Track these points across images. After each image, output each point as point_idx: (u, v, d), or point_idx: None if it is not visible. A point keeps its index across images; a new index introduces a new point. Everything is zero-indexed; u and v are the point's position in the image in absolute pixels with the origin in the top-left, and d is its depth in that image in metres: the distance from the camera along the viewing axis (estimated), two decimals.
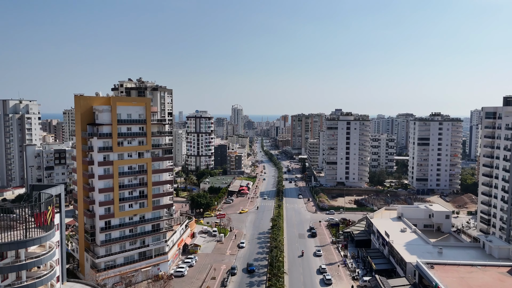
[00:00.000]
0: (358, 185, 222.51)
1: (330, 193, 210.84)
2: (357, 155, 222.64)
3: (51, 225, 54.16)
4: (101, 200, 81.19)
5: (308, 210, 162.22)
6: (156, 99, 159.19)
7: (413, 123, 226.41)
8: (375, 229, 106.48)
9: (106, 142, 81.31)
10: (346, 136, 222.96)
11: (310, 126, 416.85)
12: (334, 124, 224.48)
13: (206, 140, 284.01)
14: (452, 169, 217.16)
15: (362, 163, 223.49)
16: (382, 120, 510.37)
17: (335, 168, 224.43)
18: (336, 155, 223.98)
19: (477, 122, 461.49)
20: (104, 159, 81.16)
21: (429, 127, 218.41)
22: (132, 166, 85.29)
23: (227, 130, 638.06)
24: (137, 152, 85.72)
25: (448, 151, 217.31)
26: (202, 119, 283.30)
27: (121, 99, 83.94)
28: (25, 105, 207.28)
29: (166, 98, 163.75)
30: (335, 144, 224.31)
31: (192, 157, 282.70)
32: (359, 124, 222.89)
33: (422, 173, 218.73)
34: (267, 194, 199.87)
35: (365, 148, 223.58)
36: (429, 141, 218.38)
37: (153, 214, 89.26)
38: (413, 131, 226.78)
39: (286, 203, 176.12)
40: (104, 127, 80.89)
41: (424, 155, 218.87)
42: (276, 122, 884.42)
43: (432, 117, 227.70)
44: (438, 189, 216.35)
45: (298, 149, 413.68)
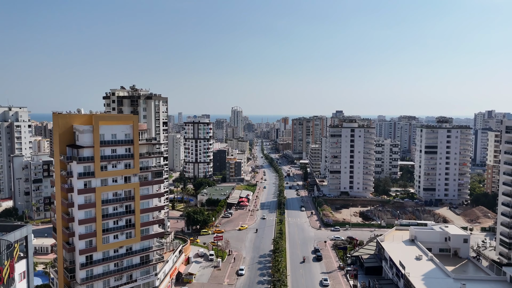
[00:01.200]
0: (363, 195, 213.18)
1: (334, 204, 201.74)
2: (362, 163, 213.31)
3: (9, 283, 44.81)
4: (81, 232, 71.73)
5: (312, 226, 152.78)
6: (150, 108, 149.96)
7: (420, 130, 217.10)
8: (387, 255, 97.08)
9: (87, 166, 71.84)
10: (350, 144, 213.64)
11: (312, 130, 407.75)
12: (338, 131, 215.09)
13: (205, 146, 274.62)
14: (461, 178, 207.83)
15: (367, 172, 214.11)
16: (384, 123, 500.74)
17: (338, 177, 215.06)
18: (340, 163, 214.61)
19: (482, 126, 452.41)
20: (85, 186, 71.71)
21: (436, 135, 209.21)
22: (117, 193, 75.82)
23: (226, 132, 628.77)
24: (123, 177, 76.24)
25: (456, 159, 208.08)
26: (201, 124, 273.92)
27: (104, 118, 74.36)
28: (14, 112, 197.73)
29: (161, 107, 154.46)
30: (338, 152, 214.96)
31: (190, 164, 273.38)
32: (364, 132, 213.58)
33: (430, 182, 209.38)
34: (268, 206, 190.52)
35: (370, 156, 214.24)
36: (437, 149, 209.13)
37: (142, 245, 79.73)
38: (419, 139, 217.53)
39: (288, 216, 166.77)
40: (85, 150, 71.45)
41: (432, 163, 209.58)
42: (276, 124, 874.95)
43: (439, 124, 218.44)
44: (447, 199, 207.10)
45: (299, 153, 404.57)
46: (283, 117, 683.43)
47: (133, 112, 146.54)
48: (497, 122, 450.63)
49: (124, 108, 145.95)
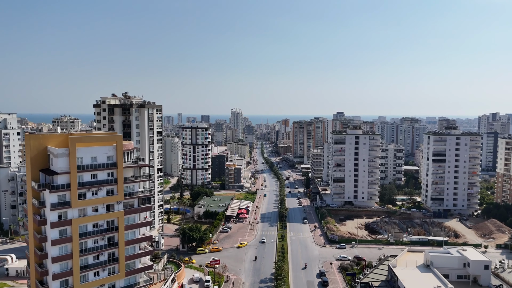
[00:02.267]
0: (368, 204, 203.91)
1: (338, 214, 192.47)
2: (367, 172, 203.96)
3: None
4: (55, 271, 62.49)
5: (316, 243, 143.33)
6: (143, 116, 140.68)
7: (427, 137, 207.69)
8: (402, 285, 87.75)
9: (63, 195, 62.62)
10: (355, 151, 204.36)
11: (313, 134, 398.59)
12: (341, 138, 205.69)
13: (203, 152, 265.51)
14: (470, 187, 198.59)
15: (372, 180, 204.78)
16: (387, 126, 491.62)
17: (342, 186, 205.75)
18: (344, 172, 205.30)
19: (487, 129, 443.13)
20: (59, 218, 62.49)
21: (445, 142, 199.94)
22: (98, 224, 66.58)
23: (226, 134, 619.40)
24: (104, 205, 67.00)
25: (466, 168, 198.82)
26: (198, 129, 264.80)
27: (82, 139, 65.03)
28: (2, 119, 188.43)
29: (155, 115, 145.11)
30: (342, 160, 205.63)
31: (188, 171, 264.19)
32: (369, 139, 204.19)
33: (438, 192, 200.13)
34: (268, 218, 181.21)
35: (375, 164, 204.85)
36: (445, 157, 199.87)
37: (127, 281, 70.51)
38: (427, 146, 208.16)
39: (290, 231, 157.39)
40: (60, 177, 62.22)
41: (440, 172, 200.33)
42: (276, 125, 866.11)
43: (447, 130, 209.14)
44: (455, 209, 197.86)
45: (300, 157, 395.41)
46: (284, 119, 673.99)
47: (125, 121, 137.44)
48: (502, 125, 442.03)
49: (115, 117, 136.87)
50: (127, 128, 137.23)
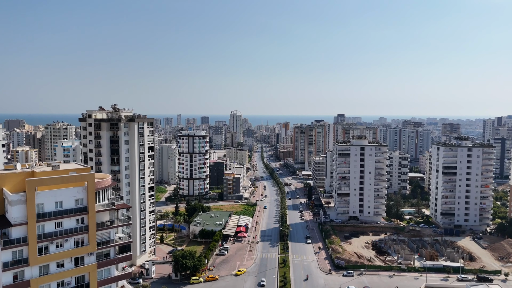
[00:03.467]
0: (374, 220, 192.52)
1: (342, 231, 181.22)
2: (373, 185, 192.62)
3: None
4: None
5: (321, 269, 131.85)
6: (132, 131, 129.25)
7: (437, 148, 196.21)
8: None
9: (18, 252, 51.38)
10: (360, 163, 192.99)
11: (314, 139, 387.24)
12: (346, 149, 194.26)
13: (200, 161, 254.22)
14: (482, 202, 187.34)
15: (379, 194, 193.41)
16: (389, 130, 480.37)
17: (347, 200, 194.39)
18: (349, 185, 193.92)
19: (493, 134, 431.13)
20: (14, 280, 51.23)
21: (456, 154, 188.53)
22: (64, 281, 55.29)
23: (225, 137, 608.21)
24: (72, 259, 55.73)
25: (478, 181, 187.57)
26: (196, 138, 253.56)
27: (43, 181, 53.58)
28: None
29: (146, 130, 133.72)
30: (347, 173, 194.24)
31: (185, 181, 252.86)
32: (375, 150, 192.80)
33: (448, 206, 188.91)
34: (269, 236, 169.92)
35: (382, 177, 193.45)
36: (456, 169, 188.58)
37: None
38: (436, 157, 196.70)
39: (292, 253, 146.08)
40: (15, 229, 50.97)
41: (450, 185, 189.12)
42: (276, 127, 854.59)
43: (458, 141, 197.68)
44: (467, 225, 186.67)
45: (301, 163, 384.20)
46: (284, 122, 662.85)
47: (113, 137, 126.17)
48: (508, 130, 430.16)
49: (102, 132, 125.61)
50: (115, 145, 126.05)
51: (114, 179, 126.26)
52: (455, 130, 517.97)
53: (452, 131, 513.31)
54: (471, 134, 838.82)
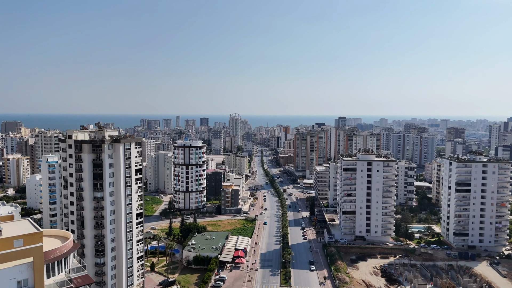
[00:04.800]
0: (382, 240, 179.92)
1: (348, 253, 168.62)
2: (381, 203, 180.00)
3: None
4: None
5: None
6: (118, 154, 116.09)
7: (449, 163, 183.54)
8: None
9: None
10: (367, 179, 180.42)
11: (316, 146, 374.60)
12: (352, 165, 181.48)
13: (197, 173, 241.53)
14: (498, 221, 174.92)
15: (387, 212, 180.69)
16: (393, 135, 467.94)
17: (353, 219, 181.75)
18: (355, 203, 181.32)
19: (499, 141, 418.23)
20: None
21: (470, 170, 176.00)
22: None
23: (224, 141, 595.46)
24: None
25: (493, 199, 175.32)
26: (192, 148, 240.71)
27: None
28: None
29: (133, 151, 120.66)
30: (352, 190, 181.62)
31: (181, 193, 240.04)
32: (383, 165, 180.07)
33: (462, 226, 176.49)
34: (269, 260, 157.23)
35: (390, 194, 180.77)
36: (470, 186, 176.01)
37: None
38: (448, 173, 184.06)
39: (295, 284, 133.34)
40: None
41: (464, 203, 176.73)
42: (276, 129, 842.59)
43: (472, 156, 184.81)
44: (481, 246, 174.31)
45: (303, 170, 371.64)
46: (284, 126, 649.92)
47: (96, 160, 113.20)
48: None
49: (84, 155, 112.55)
50: (98, 168, 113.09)
51: (98, 207, 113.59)
52: (459, 135, 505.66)
53: (457, 136, 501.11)
54: (474, 136, 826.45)
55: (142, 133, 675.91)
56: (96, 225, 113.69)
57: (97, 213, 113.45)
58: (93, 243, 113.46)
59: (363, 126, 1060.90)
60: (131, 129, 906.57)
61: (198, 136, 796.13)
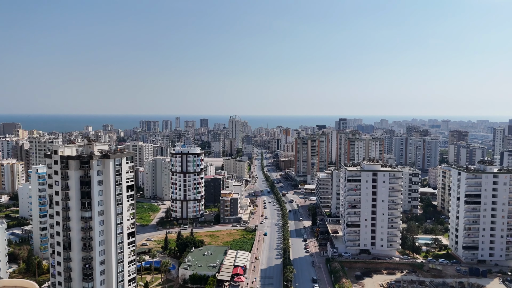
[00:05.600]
0: (388, 253, 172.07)
1: (353, 268, 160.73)
2: (386, 215, 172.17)
3: None
4: None
5: None
6: (107, 170, 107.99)
7: (458, 174, 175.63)
8: None
9: None
10: (372, 191, 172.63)
11: (317, 150, 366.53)
12: (356, 175, 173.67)
13: (195, 181, 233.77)
14: (510, 234, 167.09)
15: (393, 225, 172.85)
16: (395, 139, 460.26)
17: (357, 231, 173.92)
18: (359, 215, 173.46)
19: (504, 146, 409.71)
20: None
21: (480, 180, 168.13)
22: None
23: (224, 144, 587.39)
24: None
25: (504, 211, 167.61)
26: (190, 155, 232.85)
27: None
28: None
29: (124, 167, 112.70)
30: (357, 201, 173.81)
31: (178, 202, 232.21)
32: (389, 176, 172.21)
33: (471, 239, 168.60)
34: (270, 277, 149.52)
35: (396, 206, 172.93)
36: (480, 198, 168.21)
37: None
38: (457, 183, 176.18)
39: None
40: None
41: (474, 216, 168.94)
42: (277, 131, 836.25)
43: (483, 166, 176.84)
44: (492, 260, 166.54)
45: (304, 175, 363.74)
46: (284, 129, 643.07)
47: (84, 177, 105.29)
48: None
49: (70, 172, 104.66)
50: (87, 186, 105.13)
51: (85, 228, 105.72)
52: (462, 138, 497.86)
53: (460, 139, 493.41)
54: (476, 138, 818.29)
55: (141, 135, 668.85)
56: (84, 247, 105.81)
57: (85, 234, 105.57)
58: (80, 267, 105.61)
59: (364, 127, 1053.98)
60: (130, 130, 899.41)
61: (198, 138, 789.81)
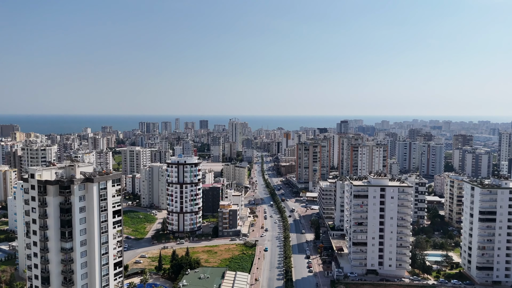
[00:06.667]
0: (396, 274, 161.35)
1: None
2: (395, 233, 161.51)
3: None
4: None
5: None
6: (91, 195, 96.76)
7: (471, 188, 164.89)
8: None
9: None
10: (380, 207, 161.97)
11: (319, 156, 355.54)
12: (363, 190, 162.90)
13: (192, 192, 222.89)
14: None
15: (402, 244, 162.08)
16: (398, 143, 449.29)
17: (364, 250, 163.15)
18: (366, 233, 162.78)
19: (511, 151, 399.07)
20: None
21: (495, 197, 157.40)
22: None
23: (223, 147, 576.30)
24: None
25: None
26: (187, 165, 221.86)
27: None
28: None
29: (110, 190, 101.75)
30: (364, 218, 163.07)
31: (174, 215, 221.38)
32: (398, 192, 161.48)
33: (486, 258, 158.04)
34: None
35: (406, 224, 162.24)
36: (496, 215, 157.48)
37: None
38: (470, 199, 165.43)
39: None
40: None
41: (489, 234, 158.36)
42: (277, 133, 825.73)
43: (498, 181, 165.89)
44: (507, 281, 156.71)
45: (305, 182, 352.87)
46: (285, 132, 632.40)
47: (64, 203, 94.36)
48: None
49: (49, 198, 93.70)
50: (67, 214, 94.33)
51: (66, 260, 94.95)
52: (467, 142, 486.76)
53: (465, 143, 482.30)
54: (478, 139, 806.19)
55: (139, 138, 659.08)
56: (65, 281, 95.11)
57: (66, 267, 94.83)
58: None
59: (365, 129, 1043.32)
60: (129, 132, 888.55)
61: (197, 140, 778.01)
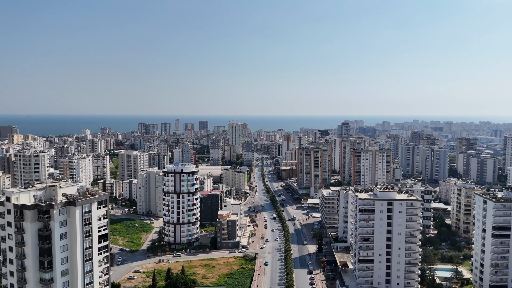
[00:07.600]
0: None
1: None
2: (403, 250, 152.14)
3: None
4: None
5: None
6: (73, 219, 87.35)
7: (483, 202, 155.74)
8: None
9: None
10: (387, 222, 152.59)
11: (320, 161, 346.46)
12: (369, 204, 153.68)
13: (189, 202, 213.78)
14: None
15: (410, 260, 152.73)
16: (401, 147, 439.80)
17: (370, 267, 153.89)
18: (373, 249, 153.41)
19: None
20: None
21: (510, 211, 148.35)
22: None
23: (223, 150, 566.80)
24: None
25: None
26: (184, 174, 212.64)
27: None
28: None
29: (95, 213, 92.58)
30: (370, 234, 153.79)
31: (171, 226, 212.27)
32: (406, 206, 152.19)
33: (499, 277, 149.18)
34: None
35: (415, 240, 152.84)
36: (510, 231, 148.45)
37: None
38: (482, 213, 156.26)
39: None
40: None
41: (503, 250, 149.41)
42: (277, 134, 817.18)
43: (511, 192, 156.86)
44: None
45: (307, 188, 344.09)
46: (286, 134, 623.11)
47: (43, 230, 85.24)
48: None
49: (27, 224, 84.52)
50: (46, 242, 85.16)
51: None
52: (471, 146, 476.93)
53: (469, 147, 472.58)
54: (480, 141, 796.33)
55: (139, 139, 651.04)
56: None
57: None
58: None
59: (365, 130, 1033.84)
60: (128, 133, 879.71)
61: (197, 142, 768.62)
